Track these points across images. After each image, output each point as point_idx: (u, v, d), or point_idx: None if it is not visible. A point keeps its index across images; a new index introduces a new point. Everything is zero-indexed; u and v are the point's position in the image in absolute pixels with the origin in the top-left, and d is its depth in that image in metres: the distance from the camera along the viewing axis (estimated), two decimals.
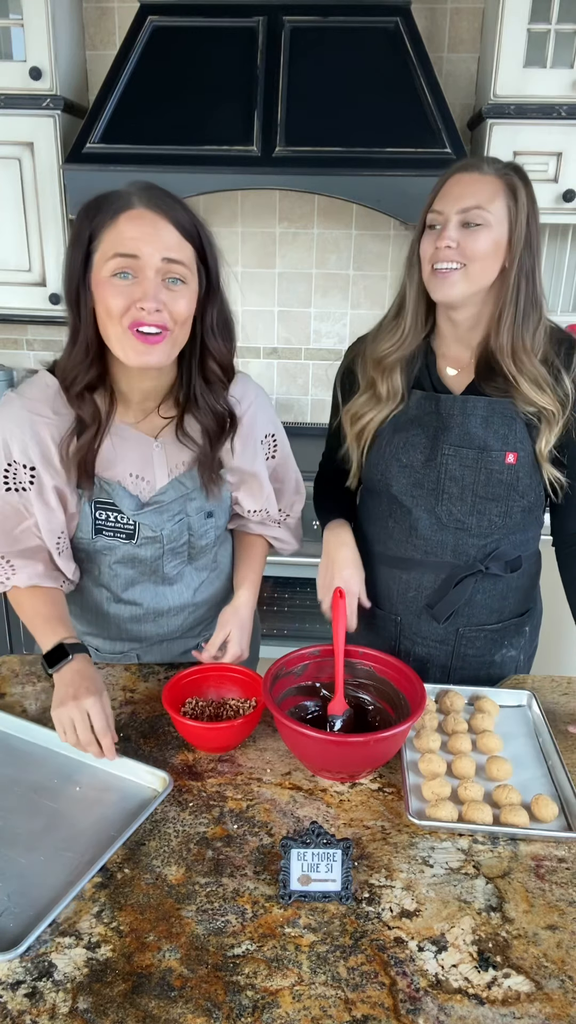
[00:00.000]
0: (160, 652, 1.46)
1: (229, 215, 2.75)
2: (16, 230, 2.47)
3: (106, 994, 0.81)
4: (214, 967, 0.85)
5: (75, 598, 1.39)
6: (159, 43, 2.34)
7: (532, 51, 2.23)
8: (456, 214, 1.21)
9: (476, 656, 1.45)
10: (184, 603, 1.39)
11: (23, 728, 1.23)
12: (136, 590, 1.35)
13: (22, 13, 2.27)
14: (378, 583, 1.47)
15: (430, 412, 1.34)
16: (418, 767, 1.15)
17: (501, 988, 0.83)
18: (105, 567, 1.30)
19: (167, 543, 1.29)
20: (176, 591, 1.37)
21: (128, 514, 1.24)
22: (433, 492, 1.36)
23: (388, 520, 1.42)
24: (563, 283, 2.62)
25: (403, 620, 1.45)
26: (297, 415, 3.00)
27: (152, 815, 1.06)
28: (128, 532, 1.25)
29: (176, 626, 1.42)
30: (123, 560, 1.29)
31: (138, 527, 1.25)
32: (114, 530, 1.24)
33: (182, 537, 1.31)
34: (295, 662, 1.24)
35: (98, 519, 1.24)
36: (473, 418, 1.31)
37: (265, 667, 1.21)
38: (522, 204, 1.21)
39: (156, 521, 1.26)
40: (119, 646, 1.43)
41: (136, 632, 1.41)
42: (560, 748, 1.19)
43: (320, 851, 0.93)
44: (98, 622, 1.40)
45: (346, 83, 2.28)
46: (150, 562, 1.30)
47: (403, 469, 1.37)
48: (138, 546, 1.27)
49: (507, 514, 1.34)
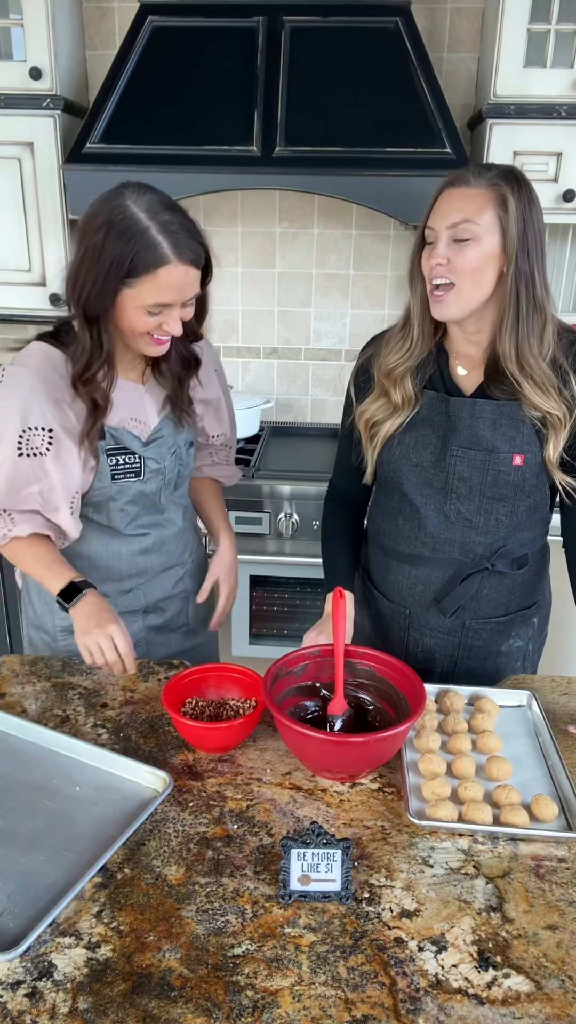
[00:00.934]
0: (160, 585, 1.56)
1: (229, 215, 2.75)
2: (16, 230, 2.47)
3: (106, 994, 0.82)
4: (214, 967, 0.85)
5: (82, 551, 1.46)
6: (159, 43, 2.34)
7: (532, 51, 2.22)
8: (446, 230, 1.22)
9: (483, 647, 1.47)
10: (178, 529, 1.56)
11: (23, 728, 1.23)
12: (143, 522, 1.48)
13: (22, 13, 2.27)
14: (388, 577, 1.50)
15: (440, 413, 1.36)
16: (418, 767, 1.15)
17: (501, 988, 0.83)
18: (116, 511, 1.43)
19: (167, 474, 1.46)
20: (169, 518, 1.54)
21: (138, 452, 1.40)
22: (442, 491, 1.37)
23: (398, 517, 1.44)
24: (563, 283, 2.62)
25: (412, 612, 1.48)
26: (297, 415, 3.00)
27: (152, 815, 1.06)
28: (136, 471, 1.41)
29: (172, 549, 1.56)
30: (132, 499, 1.44)
31: (144, 463, 1.41)
32: (125, 471, 1.40)
33: (175, 468, 1.48)
34: (295, 662, 1.25)
35: (111, 465, 1.38)
36: (481, 421, 1.31)
37: (265, 667, 1.21)
38: (513, 211, 1.19)
39: (159, 454, 1.43)
40: (127, 583, 1.51)
41: (143, 564, 1.52)
42: (560, 748, 1.19)
43: (320, 851, 0.93)
44: (108, 564, 1.49)
45: (346, 83, 2.28)
46: (152, 495, 1.46)
47: (413, 468, 1.38)
48: (145, 481, 1.43)
49: (514, 513, 1.36)
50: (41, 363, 1.30)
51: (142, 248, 1.17)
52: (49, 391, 1.29)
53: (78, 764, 1.16)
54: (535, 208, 1.22)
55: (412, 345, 1.35)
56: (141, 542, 1.50)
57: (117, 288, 1.21)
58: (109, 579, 1.50)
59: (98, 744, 1.19)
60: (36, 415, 1.28)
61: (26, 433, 1.28)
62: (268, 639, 2.56)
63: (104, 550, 1.48)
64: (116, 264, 1.18)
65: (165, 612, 1.59)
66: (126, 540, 1.48)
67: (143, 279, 1.20)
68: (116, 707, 1.30)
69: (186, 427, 1.49)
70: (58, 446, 1.30)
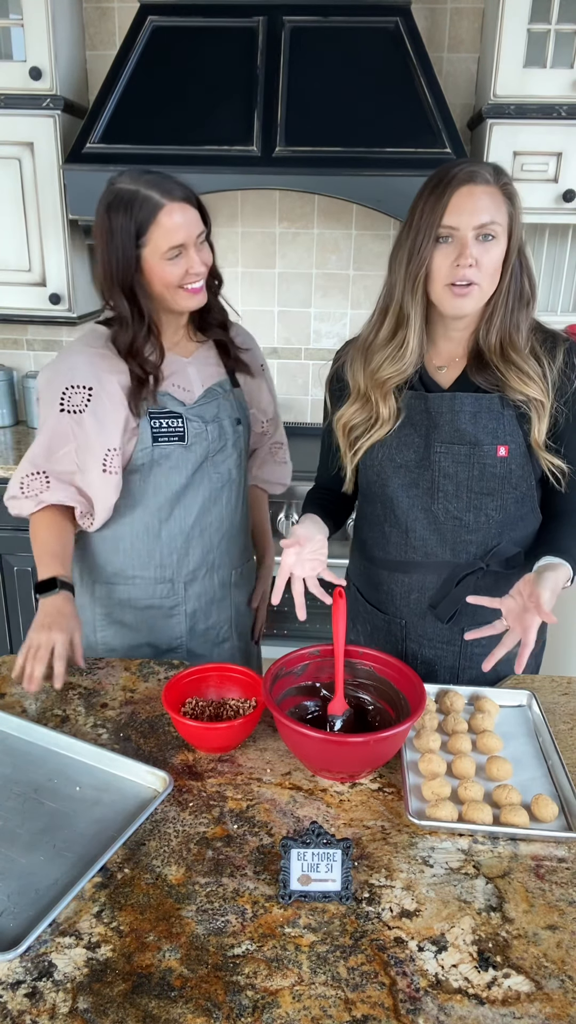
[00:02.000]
0: (200, 588, 1.57)
1: (229, 215, 2.75)
2: (16, 230, 2.47)
3: (106, 994, 0.81)
4: (214, 967, 0.85)
5: (126, 530, 1.50)
6: (159, 43, 2.34)
7: (532, 51, 2.23)
8: (473, 229, 1.19)
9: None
10: (224, 520, 1.57)
11: (23, 728, 1.23)
12: (187, 499, 1.50)
13: (22, 13, 2.27)
14: (380, 587, 1.47)
15: (420, 411, 1.35)
16: (418, 767, 1.15)
17: (501, 988, 0.83)
18: (162, 478, 1.47)
19: (211, 442, 1.49)
20: (218, 508, 1.55)
21: (180, 412, 1.46)
22: (428, 491, 1.36)
23: (384, 525, 1.42)
24: (563, 283, 2.61)
25: (408, 623, 1.46)
26: (297, 415, 3.00)
27: (152, 815, 1.06)
28: (179, 435, 1.46)
29: (217, 543, 1.57)
30: (177, 465, 1.47)
31: (187, 427, 1.46)
32: (168, 434, 1.45)
33: (221, 440, 1.51)
34: (295, 662, 1.25)
35: (154, 428, 1.44)
36: (462, 414, 1.32)
37: (265, 667, 1.21)
38: (517, 209, 1.23)
39: (202, 414, 1.48)
40: (166, 572, 1.53)
41: (184, 552, 1.53)
42: (560, 748, 1.19)
43: (320, 851, 0.93)
44: (148, 545, 1.51)
45: (346, 83, 2.28)
46: (199, 464, 1.49)
47: (398, 469, 1.37)
48: (188, 447, 1.46)
49: (503, 508, 1.35)
50: (89, 335, 1.45)
51: (139, 208, 1.30)
52: (93, 357, 1.40)
53: (78, 764, 1.16)
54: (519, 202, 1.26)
55: (409, 355, 1.29)
56: (180, 523, 1.51)
57: (137, 253, 1.32)
58: (148, 567, 1.52)
59: (98, 744, 1.19)
60: (80, 375, 1.39)
61: (68, 391, 1.39)
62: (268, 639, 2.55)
63: (145, 530, 1.50)
64: (126, 232, 1.31)
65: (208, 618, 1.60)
66: (169, 522, 1.50)
67: (151, 231, 1.31)
68: (116, 707, 1.30)
69: (235, 400, 1.54)
70: (96, 403, 1.39)
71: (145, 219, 1.31)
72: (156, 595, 1.54)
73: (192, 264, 1.35)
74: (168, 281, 1.35)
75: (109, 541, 1.51)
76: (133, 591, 1.54)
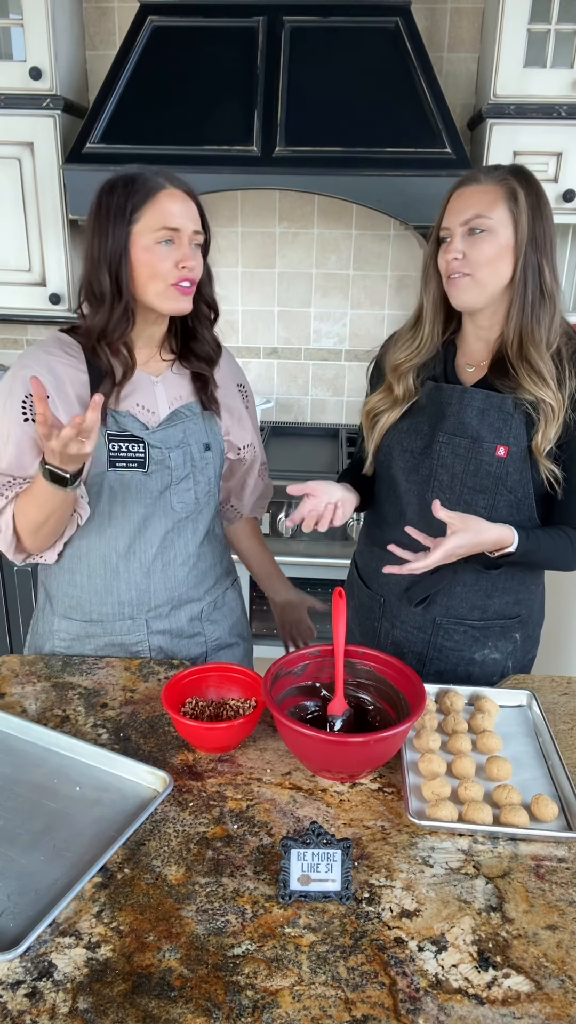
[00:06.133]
0: (166, 625, 1.47)
1: (229, 215, 2.75)
2: (16, 230, 2.47)
3: (106, 994, 0.82)
4: (214, 967, 0.85)
5: (82, 562, 1.43)
6: (159, 43, 2.34)
7: (532, 51, 2.23)
8: (460, 226, 1.27)
9: (454, 650, 1.47)
10: (190, 552, 1.47)
11: (23, 728, 1.23)
12: (148, 532, 1.41)
13: (22, 13, 2.27)
14: (371, 564, 1.53)
15: (434, 402, 1.39)
16: (418, 767, 1.15)
17: (501, 988, 0.83)
18: (117, 506, 1.39)
19: (174, 470, 1.41)
20: (182, 539, 1.46)
21: (140, 435, 1.37)
22: (426, 478, 1.40)
23: (385, 504, 1.48)
24: (563, 283, 2.62)
25: (386, 601, 1.51)
26: (297, 415, 3.00)
27: (152, 815, 1.06)
28: (140, 460, 1.38)
29: (182, 578, 1.47)
30: (136, 495, 1.39)
31: (148, 453, 1.37)
32: (127, 459, 1.37)
33: (186, 467, 1.42)
34: (295, 662, 1.25)
35: (111, 451, 1.36)
36: (469, 408, 1.34)
37: (265, 667, 1.21)
38: (523, 205, 1.25)
39: (164, 440, 1.39)
40: (125, 609, 1.44)
41: (145, 588, 1.44)
42: (560, 748, 1.19)
43: (320, 851, 0.93)
44: (106, 580, 1.43)
45: (346, 83, 2.28)
46: (160, 493, 1.40)
47: (403, 454, 1.42)
48: (148, 474, 1.38)
49: (493, 507, 1.36)
50: (52, 344, 1.37)
51: (139, 187, 1.27)
52: (50, 362, 1.33)
53: (78, 764, 1.16)
54: (543, 202, 1.28)
55: (421, 343, 1.39)
56: (141, 557, 1.42)
57: (128, 230, 1.27)
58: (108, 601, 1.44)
59: (98, 744, 1.19)
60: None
61: (28, 399, 1.32)
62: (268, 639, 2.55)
63: (103, 562, 1.41)
64: (119, 207, 1.26)
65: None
66: (128, 554, 1.41)
67: (146, 209, 1.26)
68: (116, 707, 1.30)
69: (204, 422, 1.44)
70: (52, 409, 1.27)
71: (143, 197, 1.26)
72: (117, 632, 1.46)
73: (184, 257, 1.28)
74: (156, 269, 1.27)
75: (65, 572, 1.44)
76: (91, 628, 1.46)
